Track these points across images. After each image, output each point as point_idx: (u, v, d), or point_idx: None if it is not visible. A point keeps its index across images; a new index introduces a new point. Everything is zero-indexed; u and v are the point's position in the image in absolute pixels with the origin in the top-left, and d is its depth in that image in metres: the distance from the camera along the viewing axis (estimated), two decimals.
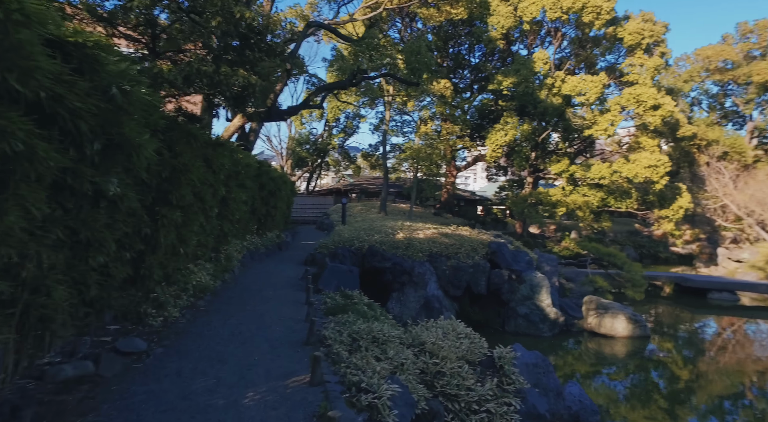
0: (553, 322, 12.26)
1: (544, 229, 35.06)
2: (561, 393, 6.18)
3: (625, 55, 24.88)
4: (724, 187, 30.54)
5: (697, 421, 8.47)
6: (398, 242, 13.12)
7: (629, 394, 9.55)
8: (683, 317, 16.90)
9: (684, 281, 20.52)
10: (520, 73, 22.28)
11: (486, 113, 28.90)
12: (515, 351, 6.06)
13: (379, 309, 8.24)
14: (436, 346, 5.92)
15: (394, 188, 38.02)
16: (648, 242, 33.77)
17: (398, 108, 30.14)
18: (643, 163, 20.65)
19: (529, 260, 13.47)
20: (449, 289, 12.70)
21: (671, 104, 21.60)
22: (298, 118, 38.29)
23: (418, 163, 25.08)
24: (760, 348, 13.55)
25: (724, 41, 42.12)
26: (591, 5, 21.91)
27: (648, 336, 12.62)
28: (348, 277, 9.68)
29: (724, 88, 42.90)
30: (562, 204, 22.78)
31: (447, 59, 30.27)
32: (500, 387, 5.54)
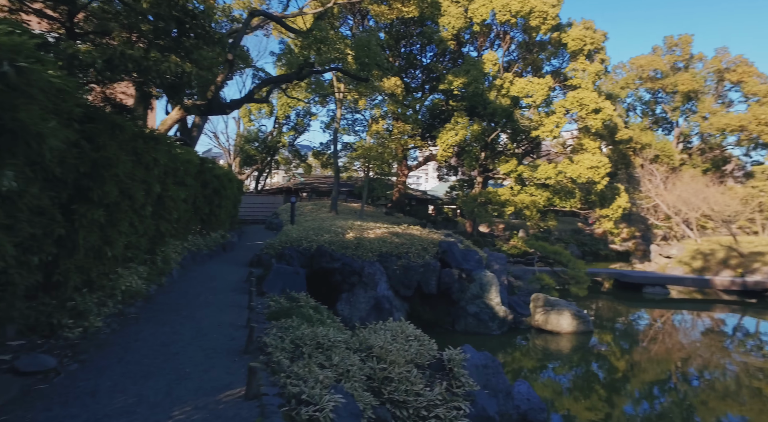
0: (502, 320, 12.42)
1: (494, 228, 35.96)
2: (510, 393, 6.15)
3: (569, 60, 25.87)
4: (655, 188, 32.53)
5: (631, 407, 8.92)
6: (348, 242, 12.84)
7: (572, 387, 9.82)
8: (621, 310, 17.73)
9: (622, 276, 21.59)
10: (470, 74, 22.60)
11: (437, 113, 29.15)
12: (465, 352, 5.95)
13: (326, 312, 7.92)
14: (384, 350, 5.69)
15: (346, 187, 37.64)
16: (590, 240, 35.41)
17: (350, 106, 29.83)
18: (585, 164, 21.51)
19: (479, 259, 13.59)
20: (400, 289, 12.57)
21: (611, 108, 22.66)
22: (247, 114, 37.10)
23: (370, 162, 24.89)
24: (684, 337, 14.48)
25: (654, 52, 44.98)
26: (538, 10, 22.56)
27: (591, 331, 13.08)
28: (294, 279, 9.28)
29: (655, 95, 45.83)
30: (510, 203, 23.33)
31: (399, 59, 30.27)
32: (450, 390, 5.40)
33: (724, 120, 39.92)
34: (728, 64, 42.04)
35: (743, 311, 18.14)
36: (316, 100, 31.20)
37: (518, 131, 25.64)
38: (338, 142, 31.51)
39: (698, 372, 11.10)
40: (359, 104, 27.64)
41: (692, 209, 28.91)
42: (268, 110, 36.84)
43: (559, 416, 8.20)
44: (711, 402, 9.19)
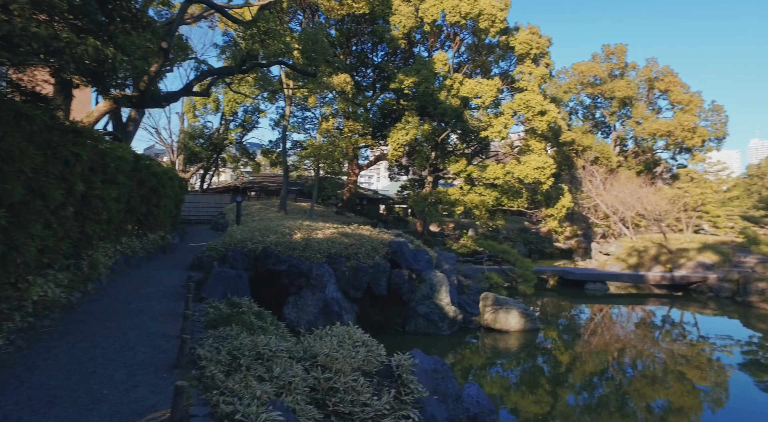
0: (452, 320, 12.42)
1: (444, 227, 36.42)
2: (460, 397, 6.03)
3: (516, 63, 26.57)
4: (596, 188, 34.16)
5: (573, 398, 9.19)
6: (295, 243, 12.40)
7: (520, 383, 9.97)
8: (565, 307, 18.36)
9: (566, 274, 22.40)
10: (421, 74, 22.67)
11: (388, 112, 29.09)
12: (414, 357, 5.76)
13: (269, 318, 7.50)
14: (329, 358, 5.40)
15: (296, 186, 36.86)
16: (536, 238, 36.63)
17: (299, 104, 29.16)
18: (532, 164, 22.14)
19: (429, 259, 13.54)
20: (349, 290, 12.27)
21: (555, 111, 23.47)
22: (191, 110, 35.48)
23: (320, 160, 24.42)
24: (620, 330, 15.22)
25: (594, 60, 47.32)
26: (486, 13, 22.97)
27: (538, 328, 13.37)
28: (237, 282, 8.77)
29: (595, 100, 48.20)
30: (460, 203, 23.62)
31: (350, 57, 29.94)
32: (398, 398, 5.18)
33: (654, 126, 42.60)
34: (657, 73, 44.91)
35: (671, 304, 19.31)
36: (265, 96, 30.31)
37: (468, 132, 26.04)
38: (288, 140, 30.77)
39: (632, 362, 11.70)
40: (309, 102, 27.07)
41: (628, 208, 30.58)
42: (214, 106, 35.40)
43: (508, 412, 8.26)
44: (642, 388, 9.70)
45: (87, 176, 7.41)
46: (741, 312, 17.48)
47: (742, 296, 19.04)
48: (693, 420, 8.31)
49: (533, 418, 8.09)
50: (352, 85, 23.88)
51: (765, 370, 11.40)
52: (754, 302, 18.32)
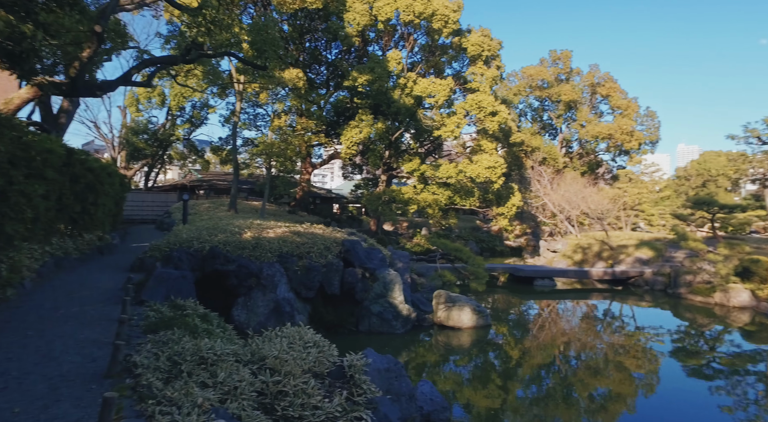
0: (405, 318, 12.41)
1: (398, 226, 36.58)
2: (413, 396, 5.96)
3: (469, 64, 27.07)
4: (543, 188, 35.47)
5: (522, 391, 9.43)
6: (245, 242, 11.96)
7: (473, 378, 10.09)
8: (515, 303, 18.87)
9: (516, 271, 23.07)
10: (375, 72, 22.60)
11: (342, 110, 28.84)
12: (367, 357, 5.64)
13: (216, 320, 7.14)
14: (278, 360, 5.17)
15: (247, 184, 35.84)
16: (487, 236, 37.54)
17: (251, 100, 28.29)
18: (483, 164, 22.61)
19: (383, 258, 13.47)
20: (301, 290, 11.99)
21: (506, 112, 24.10)
22: (134, 103, 33.62)
23: (272, 158, 23.83)
24: (566, 323, 15.85)
25: (542, 64, 49.17)
26: (440, 14, 23.22)
27: (490, 324, 13.63)
28: (181, 284, 8.31)
29: (543, 103, 50.10)
30: (413, 202, 23.76)
31: (303, 53, 29.42)
32: (350, 399, 5.04)
33: (597, 129, 44.86)
34: (599, 79, 47.32)
35: (612, 297, 20.33)
36: (215, 92, 29.19)
37: (421, 131, 26.25)
38: (238, 137, 29.81)
39: (576, 354, 12.20)
40: (261, 98, 26.31)
41: (573, 207, 31.97)
42: (159, 100, 33.71)
43: (461, 408, 8.32)
44: (585, 379, 10.15)
45: (5, 170, 6.75)
46: (672, 304, 18.66)
47: (672, 288, 20.33)
48: (629, 405, 8.72)
49: (485, 412, 8.19)
50: (305, 81, 23.46)
51: (690, 356, 12.19)
52: (682, 293, 19.61)
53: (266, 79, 18.03)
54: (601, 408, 8.56)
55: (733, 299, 17.73)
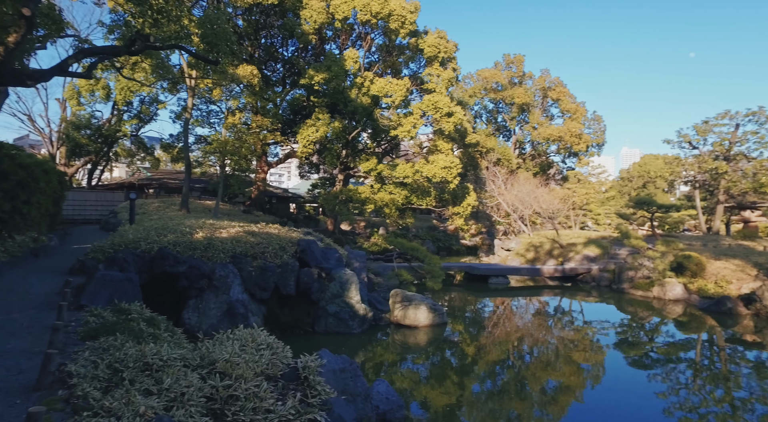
0: (362, 318, 12.38)
1: (355, 226, 36.50)
2: (368, 396, 5.94)
3: (425, 65, 27.36)
4: (498, 188, 36.44)
5: (478, 386, 9.64)
6: (197, 243, 11.54)
7: (429, 376, 10.19)
8: (470, 301, 19.26)
9: (471, 269, 23.55)
10: (332, 70, 22.41)
11: (299, 109, 28.43)
12: (321, 357, 5.56)
13: (164, 324, 6.84)
14: (229, 364, 5.01)
15: (200, 183, 34.69)
16: (444, 236, 38.11)
17: (203, 96, 27.35)
18: (440, 164, 22.91)
19: (339, 258, 13.38)
20: (256, 291, 11.72)
21: (461, 113, 24.53)
22: (75, 96, 31.67)
23: (226, 157, 23.13)
24: (519, 320, 16.35)
25: (496, 67, 50.51)
26: (397, 14, 23.33)
27: (446, 322, 13.82)
28: (125, 287, 7.90)
29: (497, 105, 51.46)
30: (370, 201, 23.75)
31: (258, 49, 28.78)
32: (304, 401, 4.95)
33: (548, 131, 46.58)
34: (550, 83, 49.15)
35: (562, 294, 21.16)
36: (165, 87, 27.97)
37: (378, 131, 26.28)
38: (191, 134, 28.76)
39: (529, 349, 12.61)
40: (214, 94, 25.46)
41: (526, 207, 33.03)
42: (103, 94, 31.92)
43: (418, 405, 8.38)
44: (537, 372, 10.51)
45: None
46: (616, 298, 19.65)
47: (617, 284, 21.41)
48: (578, 395, 9.10)
49: (442, 409, 8.29)
50: (260, 78, 22.93)
51: (631, 347, 12.89)
52: (625, 288, 20.70)
53: (219, 75, 17.44)
54: (553, 400, 8.88)
55: (669, 292, 18.88)
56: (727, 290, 17.74)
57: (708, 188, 36.50)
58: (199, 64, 15.93)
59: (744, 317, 15.98)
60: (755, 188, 32.50)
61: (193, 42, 10.82)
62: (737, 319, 15.77)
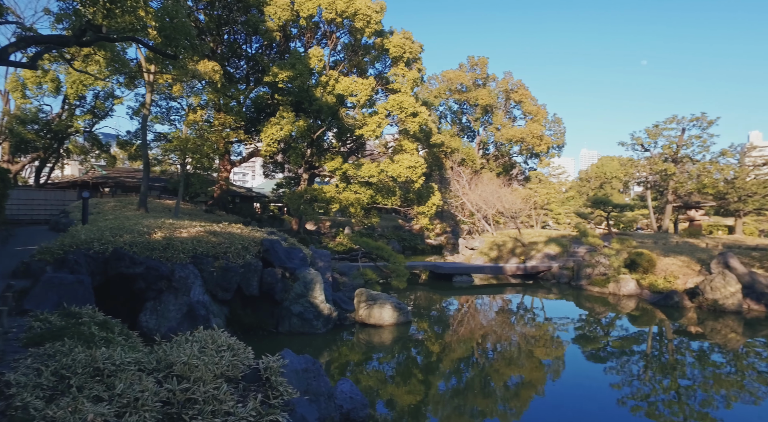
0: (327, 318, 12.29)
1: (320, 225, 36.22)
2: (332, 395, 5.90)
3: (391, 65, 27.44)
4: (462, 188, 37.02)
5: (443, 384, 9.74)
6: (155, 243, 11.14)
7: (395, 375, 10.23)
8: (435, 299, 19.47)
9: (436, 268, 23.81)
10: (296, 68, 22.15)
11: (263, 107, 27.95)
12: (284, 358, 5.47)
13: (118, 327, 6.56)
14: (188, 366, 4.85)
15: (159, 182, 33.53)
16: (409, 235, 38.36)
17: (163, 92, 26.44)
18: (405, 164, 23.03)
19: (303, 257, 13.24)
20: (218, 292, 11.43)
21: (426, 114, 24.75)
22: (20, 88, 29.90)
23: (187, 155, 22.44)
24: (483, 317, 16.66)
25: (460, 69, 51.32)
26: (362, 13, 23.29)
27: (410, 321, 13.91)
28: (76, 289, 7.53)
29: (462, 106, 52.28)
30: (335, 201, 23.62)
31: (221, 45, 28.09)
32: (266, 402, 4.85)
33: (510, 132, 47.70)
34: (512, 86, 50.36)
35: (524, 291, 21.72)
36: (121, 81, 26.88)
37: (344, 130, 26.17)
38: (149, 131, 27.79)
39: (493, 346, 12.85)
40: (174, 90, 24.63)
41: (490, 206, 33.69)
42: (52, 87, 30.25)
43: (384, 404, 8.39)
44: (501, 369, 10.74)
45: None
46: (575, 295, 20.34)
47: (575, 281, 22.17)
48: (539, 390, 9.36)
49: (407, 407, 8.33)
50: (222, 74, 22.37)
51: (589, 342, 13.37)
52: (583, 285, 21.47)
53: (179, 70, 16.87)
54: (515, 395, 9.08)
55: (623, 288, 19.72)
56: (675, 285, 18.71)
57: (658, 188, 38.38)
58: (157, 58, 15.35)
59: (689, 310, 16.90)
60: (699, 188, 34.46)
61: (150, 35, 10.42)
62: (683, 312, 16.65)
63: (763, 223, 35.50)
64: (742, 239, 27.09)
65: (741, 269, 17.64)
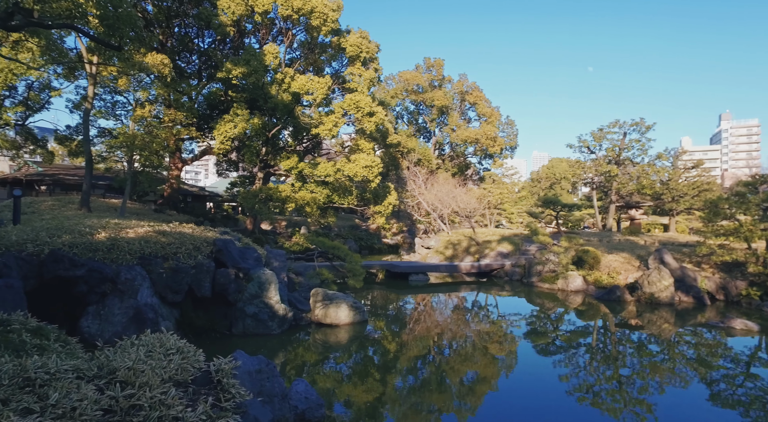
0: (282, 318, 12.10)
1: (276, 225, 35.62)
2: (286, 396, 5.81)
3: (347, 64, 27.37)
4: (418, 187, 37.47)
5: (401, 382, 9.82)
6: (98, 244, 10.57)
7: (352, 374, 10.20)
8: (392, 298, 19.59)
9: (392, 267, 23.97)
10: (251, 65, 21.66)
11: (216, 103, 27.15)
12: (236, 359, 5.34)
13: (54, 334, 6.16)
14: (132, 371, 4.64)
15: (104, 180, 31.89)
16: (366, 234, 38.40)
17: (107, 85, 25.08)
18: (361, 163, 23.03)
19: (258, 257, 12.97)
20: (167, 294, 11.00)
21: (383, 114, 24.86)
22: None
23: (134, 152, 21.44)
24: (439, 315, 16.92)
25: (417, 70, 51.98)
26: (318, 11, 23.10)
27: (367, 320, 13.93)
28: (5, 294, 7.03)
29: (418, 107, 52.95)
30: (291, 200, 23.30)
31: (171, 38, 27.05)
32: (217, 405, 4.72)
33: (465, 133, 48.78)
34: (467, 88, 51.54)
35: (478, 289, 22.26)
36: (59, 72, 25.30)
37: (300, 129, 25.86)
38: (92, 126, 26.37)
39: (448, 343, 13.08)
40: (120, 84, 23.43)
41: (445, 206, 34.29)
42: None
43: (341, 404, 8.36)
44: (456, 365, 10.94)
45: None
46: (526, 292, 21.07)
47: (527, 278, 22.97)
48: (493, 385, 9.62)
49: (364, 406, 8.33)
50: (172, 68, 21.52)
51: (539, 336, 13.89)
52: (534, 282, 22.28)
53: (125, 62, 16.05)
54: (470, 391, 9.28)
55: (571, 284, 20.63)
56: (617, 281, 19.78)
57: (603, 189, 40.41)
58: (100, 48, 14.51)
59: (629, 303, 17.93)
60: (638, 189, 36.64)
61: (91, 24, 9.84)
62: (624, 305, 17.63)
63: (693, 221, 38.18)
64: (675, 237, 29.00)
65: (674, 264, 18.88)
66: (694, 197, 34.10)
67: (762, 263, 17.64)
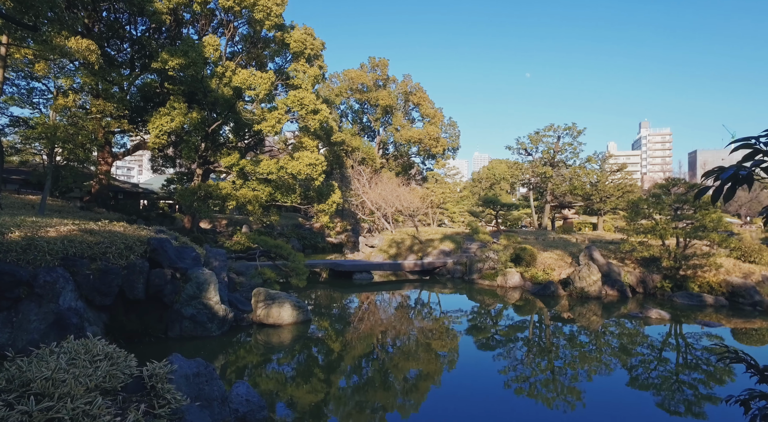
0: (222, 319, 11.66)
1: (216, 224, 34.31)
2: (226, 399, 5.60)
3: (291, 61, 26.88)
4: (363, 186, 37.53)
5: (344, 381, 9.79)
6: (11, 244, 9.63)
7: (295, 374, 10.02)
8: (335, 297, 19.48)
9: (336, 266, 23.83)
10: (189, 56, 20.69)
11: (151, 96, 25.71)
12: (172, 363, 5.08)
13: None
14: (51, 382, 4.28)
15: (19, 174, 29.18)
16: (309, 233, 37.93)
17: (22, 69, 22.97)
18: (305, 161, 22.70)
19: (196, 257, 12.42)
20: (95, 297, 10.24)
21: (327, 112, 24.65)
22: None
23: (55, 144, 19.81)
24: (383, 314, 17.04)
25: (362, 69, 52.05)
26: (262, 4, 22.49)
27: (310, 319, 13.74)
28: None
29: (363, 106, 53.04)
30: (232, 198, 22.54)
31: (99, 23, 25.24)
32: (150, 413, 4.46)
33: (409, 133, 49.49)
34: (411, 88, 52.31)
35: (421, 287, 22.65)
36: None
37: (241, 125, 25.07)
38: (3, 114, 24.09)
39: (392, 341, 13.18)
40: (37, 68, 21.52)
41: (389, 205, 34.59)
42: None
43: (285, 405, 8.18)
44: (401, 363, 11.04)
45: None
46: (467, 289, 21.72)
47: (468, 275, 23.69)
48: (435, 380, 9.82)
49: (308, 406, 8.21)
50: (99, 55, 20.09)
51: (479, 332, 14.38)
52: (475, 279, 23.03)
53: (42, 44, 14.73)
54: (414, 387, 9.40)
55: (509, 281, 21.52)
56: (552, 276, 20.89)
57: (539, 189, 42.52)
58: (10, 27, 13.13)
59: (563, 298, 19.00)
60: (571, 190, 38.95)
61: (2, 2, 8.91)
62: (558, 300, 18.66)
63: (618, 221, 41.15)
64: (603, 235, 31.12)
65: (601, 260, 20.23)
66: (619, 198, 36.76)
67: (673, 259, 19.32)
